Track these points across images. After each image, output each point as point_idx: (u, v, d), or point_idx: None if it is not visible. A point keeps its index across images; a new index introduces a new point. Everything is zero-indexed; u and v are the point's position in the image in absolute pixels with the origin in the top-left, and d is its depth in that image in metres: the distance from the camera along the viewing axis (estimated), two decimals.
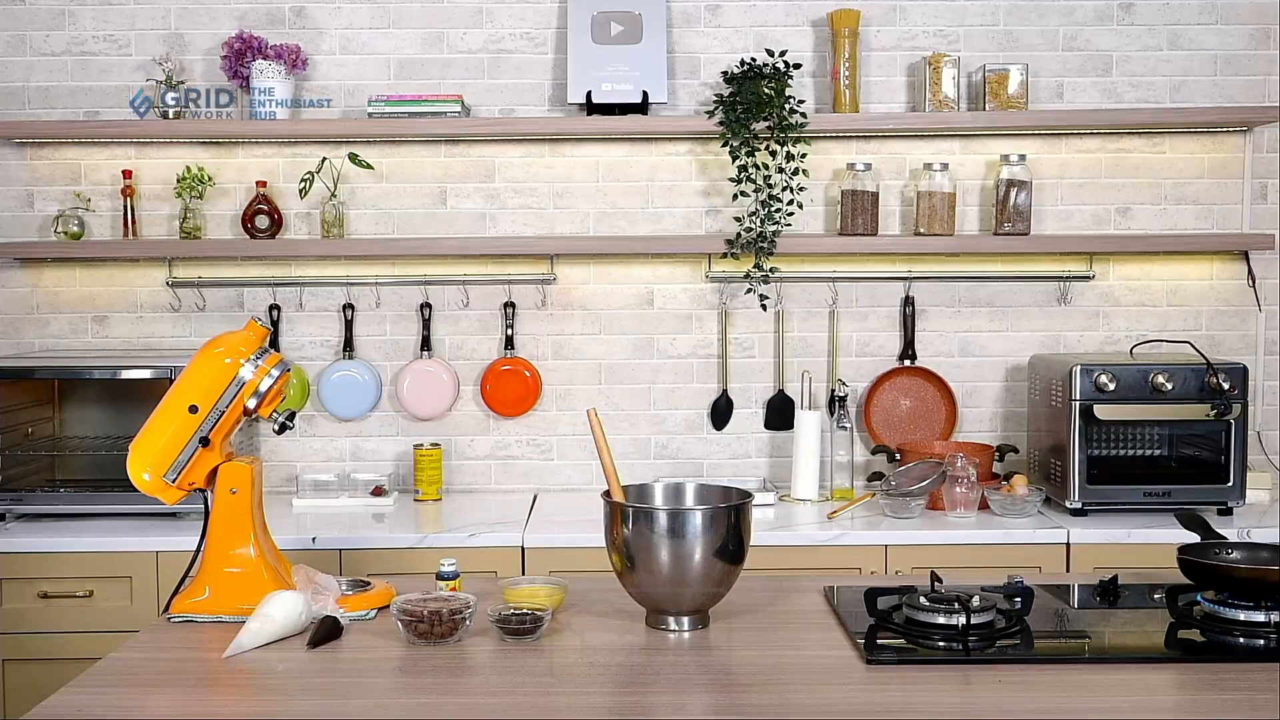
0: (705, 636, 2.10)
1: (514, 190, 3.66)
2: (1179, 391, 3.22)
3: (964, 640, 2.02)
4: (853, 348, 3.69)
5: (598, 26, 3.53)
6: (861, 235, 3.51)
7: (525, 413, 3.67)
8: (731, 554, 2.10)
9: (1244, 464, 3.25)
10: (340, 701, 1.83)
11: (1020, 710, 1.78)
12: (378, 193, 3.64)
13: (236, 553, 2.21)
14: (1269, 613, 2.07)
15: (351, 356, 3.65)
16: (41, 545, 3.09)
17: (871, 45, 3.62)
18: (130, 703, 1.84)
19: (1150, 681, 1.90)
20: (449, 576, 2.25)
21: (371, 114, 3.48)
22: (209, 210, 3.63)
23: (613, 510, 2.12)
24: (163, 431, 2.20)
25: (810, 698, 1.82)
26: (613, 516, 2.12)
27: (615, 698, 1.87)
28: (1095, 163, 3.66)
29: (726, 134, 3.42)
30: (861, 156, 3.58)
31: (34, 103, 3.62)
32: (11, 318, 3.66)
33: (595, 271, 3.67)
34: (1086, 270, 3.65)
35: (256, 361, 2.23)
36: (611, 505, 2.13)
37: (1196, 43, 3.63)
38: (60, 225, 3.56)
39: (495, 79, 3.64)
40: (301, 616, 2.08)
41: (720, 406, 3.67)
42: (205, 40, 3.61)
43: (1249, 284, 3.66)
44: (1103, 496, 3.25)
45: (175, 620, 2.19)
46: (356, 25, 3.63)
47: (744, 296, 3.60)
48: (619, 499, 2.17)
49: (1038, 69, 3.61)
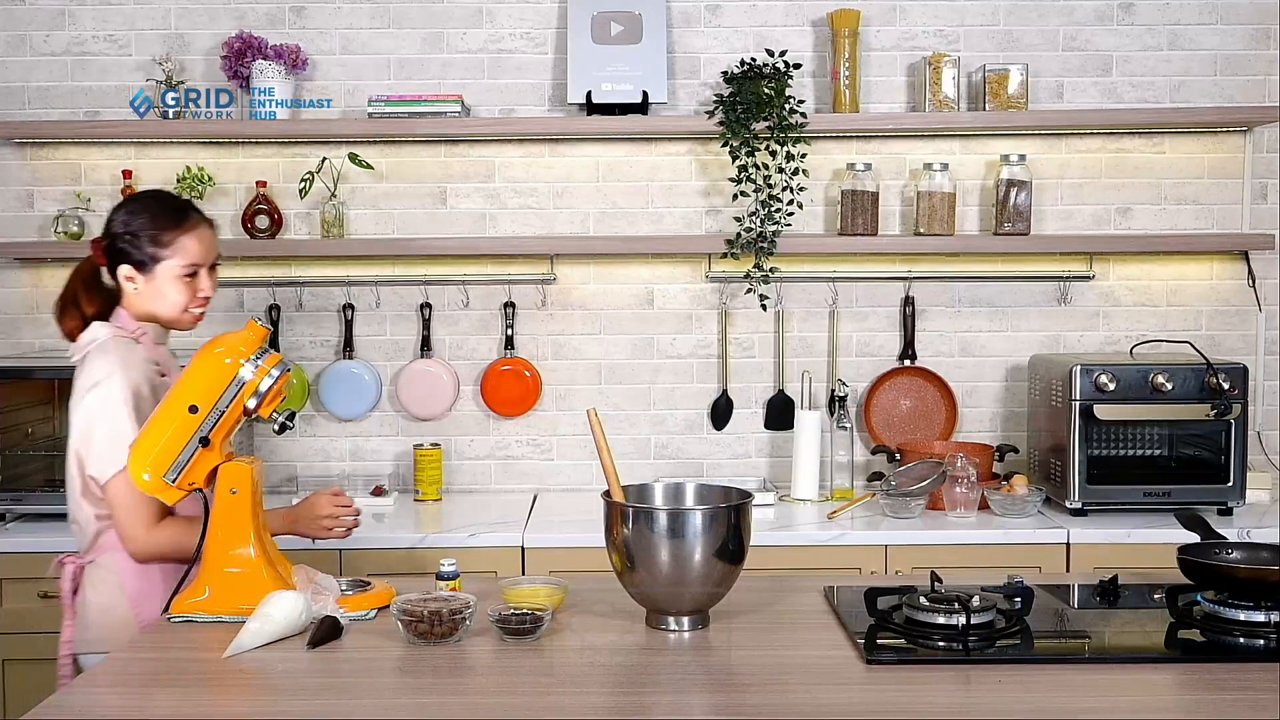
0: (705, 636, 2.10)
1: (514, 190, 3.66)
2: (1179, 391, 3.22)
3: (964, 640, 2.02)
4: (853, 348, 3.69)
5: (598, 26, 3.53)
6: (861, 235, 3.51)
7: (525, 413, 3.67)
8: (731, 554, 2.10)
9: (1244, 464, 3.25)
10: (340, 701, 1.83)
11: (1020, 710, 1.78)
12: (378, 193, 3.64)
13: (236, 553, 2.21)
14: (1269, 613, 2.07)
15: (351, 356, 3.65)
16: (41, 545, 3.09)
17: (871, 45, 3.62)
18: (130, 703, 1.84)
19: (1150, 681, 1.90)
20: (449, 576, 2.25)
21: (371, 114, 3.48)
22: (209, 210, 3.58)
23: (613, 510, 2.12)
24: (163, 431, 2.20)
25: (810, 698, 1.82)
26: (613, 516, 2.12)
27: (615, 698, 1.87)
28: (1095, 163, 3.66)
29: (726, 134, 3.42)
30: (861, 156, 3.58)
31: (34, 103, 3.62)
32: (11, 318, 3.66)
33: (595, 271, 3.67)
34: (1086, 270, 3.65)
35: (256, 361, 2.23)
36: (611, 505, 2.13)
37: (1196, 43, 3.63)
38: (60, 225, 3.56)
39: (495, 79, 3.64)
40: (301, 616, 2.08)
41: (720, 406, 3.67)
42: (205, 40, 3.61)
43: (1249, 284, 3.66)
44: (1103, 496, 3.25)
45: (175, 620, 2.19)
46: (356, 25, 3.63)
47: (744, 296, 3.60)
48: (619, 499, 2.17)
49: (1038, 69, 3.61)
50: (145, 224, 2.41)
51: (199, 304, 2.45)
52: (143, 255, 2.40)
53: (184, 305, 2.43)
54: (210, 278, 2.46)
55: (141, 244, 2.40)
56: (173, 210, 2.45)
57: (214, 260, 2.48)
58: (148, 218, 2.41)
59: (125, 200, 2.53)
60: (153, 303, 2.42)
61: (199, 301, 2.45)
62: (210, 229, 2.48)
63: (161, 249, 2.39)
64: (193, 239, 2.42)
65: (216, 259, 2.49)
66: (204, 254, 2.44)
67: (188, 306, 2.43)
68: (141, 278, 2.41)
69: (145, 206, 2.46)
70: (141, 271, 2.41)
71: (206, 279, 2.45)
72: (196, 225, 2.44)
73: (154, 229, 2.40)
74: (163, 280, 2.40)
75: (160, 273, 2.40)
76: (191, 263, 2.41)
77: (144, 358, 2.39)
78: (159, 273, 2.40)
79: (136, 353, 2.39)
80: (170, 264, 2.40)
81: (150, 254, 2.40)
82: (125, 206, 2.48)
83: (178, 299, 2.42)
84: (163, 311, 2.43)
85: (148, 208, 2.45)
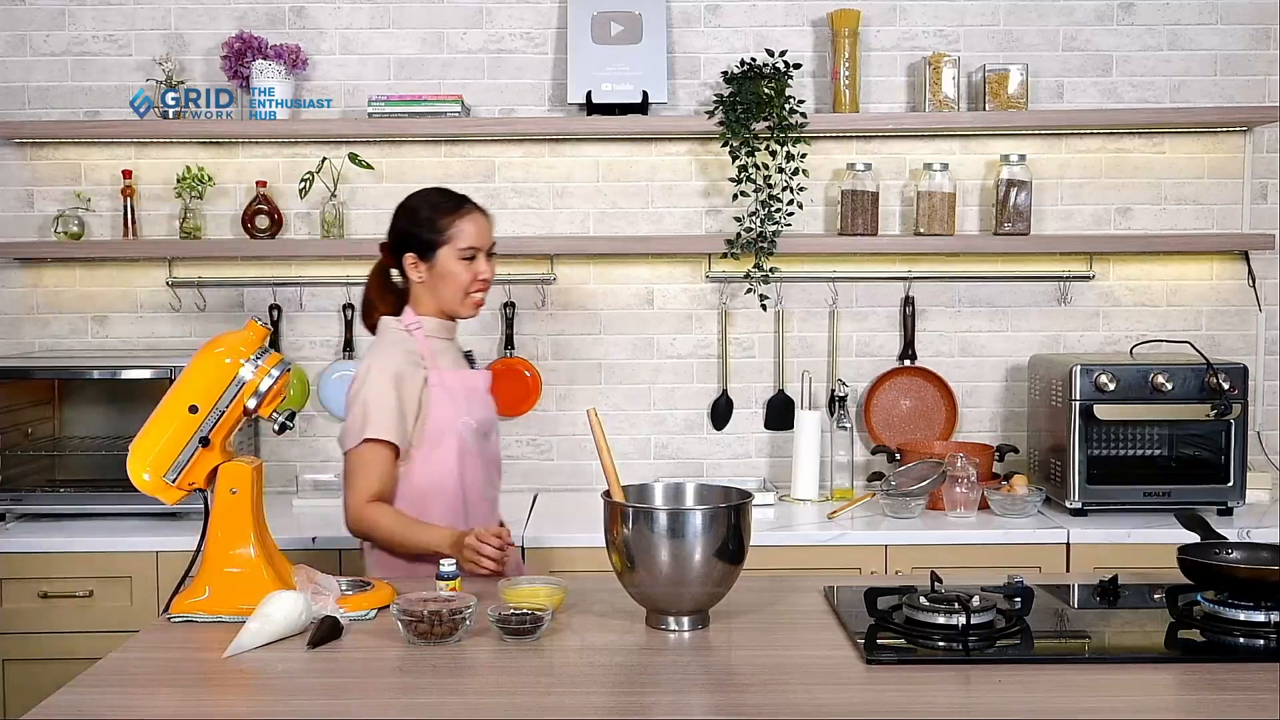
0: (705, 636, 2.10)
1: (514, 190, 3.66)
2: (1179, 391, 3.22)
3: (964, 640, 2.02)
4: (853, 348, 3.69)
5: (598, 26, 3.53)
6: (861, 235, 3.52)
7: (525, 413, 3.67)
8: (731, 554, 2.10)
9: (1244, 464, 3.25)
10: (340, 701, 1.83)
11: (1020, 710, 1.78)
12: (378, 193, 3.64)
13: (236, 553, 2.21)
14: (1269, 613, 2.07)
15: (352, 356, 3.65)
16: (41, 545, 3.10)
17: (871, 45, 3.62)
18: (130, 703, 1.84)
19: (1150, 681, 1.90)
20: (449, 576, 2.25)
21: (371, 114, 3.48)
22: (209, 210, 3.63)
23: (613, 510, 2.12)
24: (163, 431, 2.20)
25: (810, 698, 1.82)
26: (613, 516, 2.12)
27: (615, 698, 1.87)
28: (1095, 163, 3.66)
29: (726, 134, 3.42)
30: (861, 156, 3.58)
31: (34, 103, 3.62)
32: (11, 318, 3.66)
33: (595, 271, 3.67)
34: (1086, 270, 3.65)
35: (256, 361, 2.23)
36: (611, 505, 2.13)
37: (1196, 43, 3.63)
38: (60, 225, 3.56)
39: (495, 79, 3.64)
40: (301, 616, 2.08)
41: (720, 406, 3.67)
42: (205, 40, 3.61)
43: (1249, 284, 3.66)
44: (1103, 496, 3.25)
45: (175, 620, 2.19)
46: (356, 25, 3.63)
47: (744, 296, 3.60)
48: (619, 499, 2.17)
49: (1038, 69, 3.61)
50: (426, 212, 2.58)
51: (479, 287, 2.59)
52: (424, 241, 2.55)
53: (464, 287, 2.57)
54: (488, 263, 2.60)
55: (422, 231, 2.56)
56: (450, 199, 2.61)
57: (490, 246, 2.62)
58: (428, 207, 2.59)
59: (408, 196, 2.67)
60: (436, 289, 2.58)
61: (479, 285, 2.59)
62: (485, 217, 2.62)
63: (441, 234, 2.55)
64: (469, 223, 2.57)
65: (492, 247, 2.63)
66: (480, 238, 2.58)
67: (468, 290, 2.57)
68: (424, 264, 2.57)
69: (425, 197, 2.63)
70: (424, 259, 2.56)
71: (485, 262, 2.59)
72: (472, 211, 2.60)
73: (433, 215, 2.57)
74: (444, 263, 2.56)
75: (441, 256, 2.56)
76: (469, 245, 2.56)
77: (407, 348, 2.55)
78: (440, 257, 2.56)
79: (402, 343, 2.56)
80: (449, 247, 2.55)
81: (431, 239, 2.55)
82: (407, 200, 2.64)
83: (458, 281, 2.56)
84: (446, 296, 2.58)
85: (428, 198, 2.62)
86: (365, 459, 2.48)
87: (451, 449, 2.55)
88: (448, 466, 2.55)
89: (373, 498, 2.48)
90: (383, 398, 2.47)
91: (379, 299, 2.67)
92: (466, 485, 2.58)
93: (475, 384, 2.66)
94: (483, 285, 2.59)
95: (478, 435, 2.61)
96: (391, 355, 2.53)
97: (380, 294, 2.67)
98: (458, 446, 2.56)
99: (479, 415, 2.63)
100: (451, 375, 2.59)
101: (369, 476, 2.48)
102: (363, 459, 2.48)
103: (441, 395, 2.55)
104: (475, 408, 2.62)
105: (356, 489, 2.48)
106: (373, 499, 2.48)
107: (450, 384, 2.58)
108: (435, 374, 2.55)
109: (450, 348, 2.65)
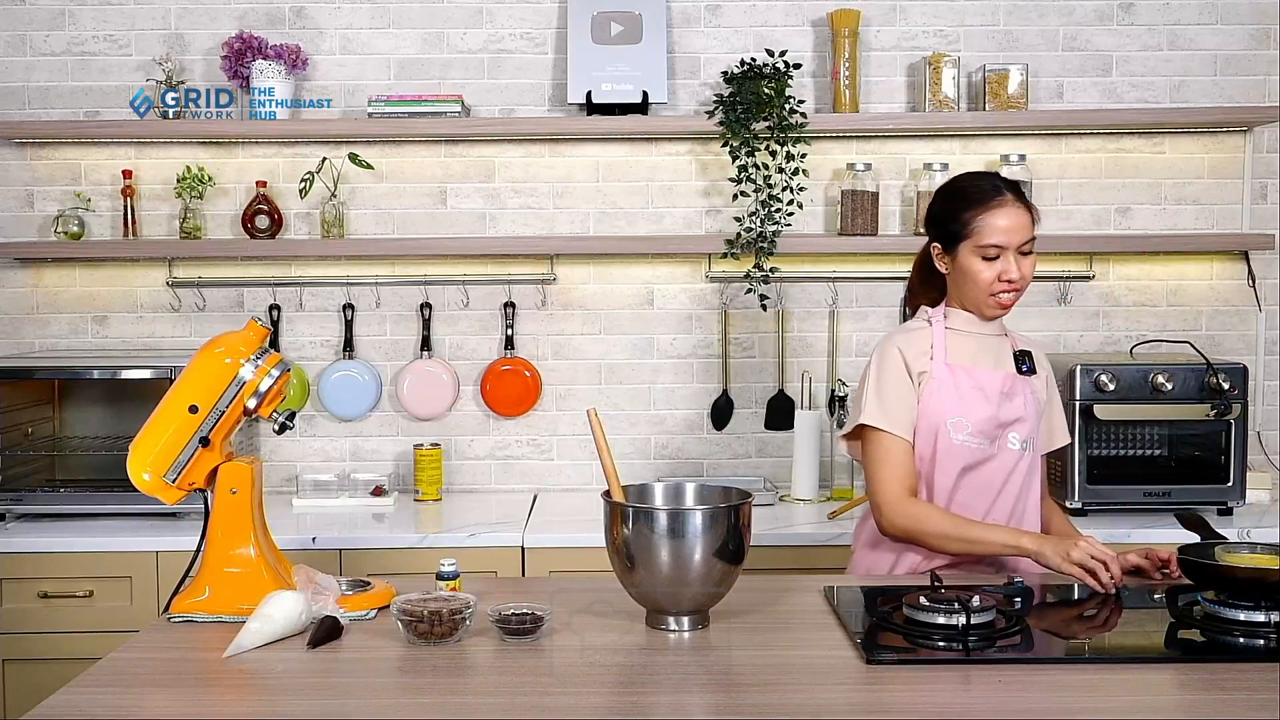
0: (705, 636, 2.10)
1: (514, 190, 3.66)
2: (1179, 391, 3.22)
3: (964, 640, 2.02)
4: (853, 348, 3.69)
5: (598, 26, 3.53)
6: (861, 235, 3.52)
7: (525, 413, 3.67)
8: (731, 554, 2.09)
9: (1244, 464, 3.25)
10: (340, 701, 1.83)
11: (1020, 710, 1.77)
12: (378, 193, 3.64)
13: (236, 553, 2.20)
14: (1269, 613, 2.07)
15: (351, 356, 3.65)
16: (41, 545, 3.10)
17: (871, 45, 3.62)
18: (130, 703, 1.84)
19: (1150, 681, 1.90)
20: (449, 576, 2.25)
21: (371, 114, 3.48)
22: (209, 210, 3.63)
23: (613, 510, 2.12)
24: (163, 431, 2.20)
25: (810, 698, 1.82)
26: (613, 516, 2.12)
27: (615, 698, 1.87)
28: (1095, 163, 3.66)
29: (726, 134, 3.42)
30: (861, 156, 3.58)
31: (34, 103, 3.62)
32: (11, 318, 3.66)
33: (595, 271, 3.67)
34: (1086, 270, 3.65)
35: (256, 361, 2.23)
36: (611, 505, 2.13)
37: (1196, 43, 3.63)
38: (60, 225, 3.56)
39: (495, 79, 3.64)
40: (301, 616, 2.08)
41: (720, 406, 3.67)
42: (205, 40, 3.61)
43: (1249, 284, 3.66)
44: (1103, 496, 3.25)
45: (175, 620, 2.19)
46: (356, 25, 3.63)
47: (744, 296, 3.60)
48: (619, 499, 2.17)
49: (1038, 69, 3.61)
50: (952, 200, 2.42)
51: (1004, 288, 2.38)
52: (947, 233, 2.41)
53: (986, 288, 2.38)
54: (1019, 262, 2.37)
55: (945, 222, 2.42)
56: (979, 189, 2.41)
57: (1023, 244, 2.38)
58: (956, 196, 2.43)
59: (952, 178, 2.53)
60: (959, 283, 2.43)
61: (1003, 285, 2.38)
62: (1022, 210, 2.39)
63: (961, 227, 2.38)
64: (999, 216, 2.36)
65: (1027, 244, 2.39)
66: (1009, 234, 2.36)
67: (990, 289, 2.38)
68: (947, 257, 2.43)
69: (958, 185, 2.46)
70: (947, 251, 2.43)
71: (1012, 261, 2.37)
72: (1005, 205, 2.37)
73: (957, 205, 2.40)
74: (963, 259, 2.39)
75: (961, 251, 2.40)
76: (989, 243, 2.36)
77: (916, 339, 2.43)
78: (960, 251, 2.40)
79: (914, 335, 2.45)
80: (970, 243, 2.38)
81: (952, 232, 2.40)
82: (945, 183, 2.50)
83: (979, 281, 2.38)
84: (968, 293, 2.42)
85: (958, 184, 2.46)
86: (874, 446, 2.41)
87: (928, 442, 2.42)
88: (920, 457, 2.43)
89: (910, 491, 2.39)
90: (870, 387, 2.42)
91: (922, 290, 2.53)
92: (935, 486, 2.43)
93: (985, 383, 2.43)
94: (1008, 286, 2.37)
95: (973, 436, 2.41)
96: (891, 343, 2.44)
97: (923, 285, 2.53)
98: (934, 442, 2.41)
99: (978, 415, 2.41)
100: (963, 371, 2.43)
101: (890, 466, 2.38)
102: (871, 447, 2.42)
103: (939, 389, 2.41)
104: (975, 407, 2.41)
105: (883, 484, 2.40)
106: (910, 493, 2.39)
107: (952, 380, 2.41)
108: (941, 367, 2.41)
109: (983, 343, 2.46)
